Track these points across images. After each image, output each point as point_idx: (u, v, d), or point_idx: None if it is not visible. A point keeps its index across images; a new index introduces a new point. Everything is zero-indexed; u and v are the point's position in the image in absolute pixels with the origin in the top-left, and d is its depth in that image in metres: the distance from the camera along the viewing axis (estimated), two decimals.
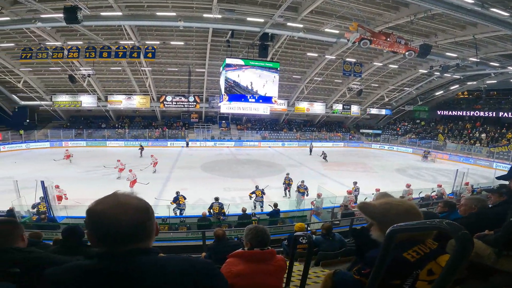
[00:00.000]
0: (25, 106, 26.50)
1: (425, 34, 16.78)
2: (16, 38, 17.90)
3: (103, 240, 0.86)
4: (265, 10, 14.63)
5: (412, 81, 28.14)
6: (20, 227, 1.56)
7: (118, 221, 0.84)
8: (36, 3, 11.95)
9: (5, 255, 1.38)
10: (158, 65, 23.37)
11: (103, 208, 0.86)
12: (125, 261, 0.84)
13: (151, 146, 27.10)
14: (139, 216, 0.87)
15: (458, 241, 0.75)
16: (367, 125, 36.13)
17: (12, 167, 17.27)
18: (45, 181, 10.02)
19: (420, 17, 13.77)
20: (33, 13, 13.38)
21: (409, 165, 22.62)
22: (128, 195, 0.91)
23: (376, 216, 1.18)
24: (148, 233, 0.90)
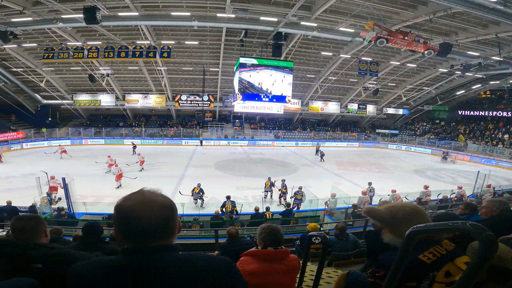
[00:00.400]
0: (47, 105, 27.58)
1: (445, 32, 16.22)
2: (39, 38, 18.58)
3: (129, 236, 0.88)
4: (278, 9, 14.57)
5: (432, 81, 27.24)
6: (44, 223, 1.58)
7: (144, 218, 0.85)
8: (57, 4, 12.37)
9: (29, 251, 1.40)
10: (173, 64, 23.73)
11: (130, 204, 0.87)
12: (150, 257, 0.85)
13: (166, 144, 27.64)
14: (164, 213, 0.89)
15: (482, 243, 0.72)
16: (383, 125, 35.34)
17: (35, 164, 18.00)
18: (65, 177, 10.39)
19: (439, 16, 13.34)
20: (54, 13, 13.86)
21: (427, 166, 21.96)
22: (153, 193, 0.92)
23: (384, 219, 1.17)
24: (172, 230, 0.92)
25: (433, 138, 30.72)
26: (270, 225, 2.02)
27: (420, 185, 13.13)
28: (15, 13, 13.62)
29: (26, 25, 14.56)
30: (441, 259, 1.02)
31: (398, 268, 0.96)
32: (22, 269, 1.33)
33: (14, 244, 1.45)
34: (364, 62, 20.54)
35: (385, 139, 33.39)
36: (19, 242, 1.45)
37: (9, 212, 8.45)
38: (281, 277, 1.80)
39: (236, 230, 4.26)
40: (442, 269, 0.99)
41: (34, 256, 1.38)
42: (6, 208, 8.61)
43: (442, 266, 1.00)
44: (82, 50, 17.38)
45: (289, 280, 1.86)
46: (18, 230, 1.52)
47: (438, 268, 1.00)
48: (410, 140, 31.83)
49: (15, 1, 12.60)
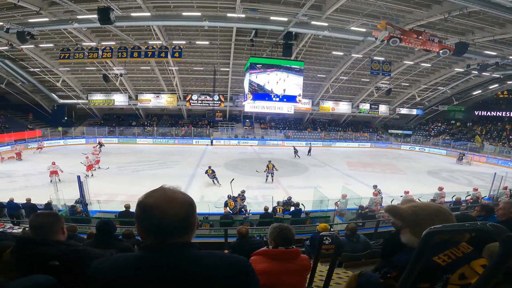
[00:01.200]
0: (63, 104, 28.39)
1: (461, 32, 15.82)
2: (55, 39, 19.08)
3: (151, 232, 0.89)
4: (288, 9, 14.52)
5: (447, 80, 26.50)
6: (61, 220, 1.61)
7: (166, 214, 0.87)
8: (72, 4, 12.69)
9: (46, 248, 1.43)
10: (185, 64, 23.96)
11: (153, 201, 0.89)
12: (171, 254, 0.87)
13: (178, 144, 27.96)
14: (185, 210, 0.90)
15: (502, 244, 0.70)
16: (396, 125, 34.68)
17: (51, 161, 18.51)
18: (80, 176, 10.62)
19: (455, 15, 13.04)
20: (69, 14, 14.23)
21: (442, 167, 21.41)
22: (174, 190, 0.93)
23: (405, 218, 1.13)
24: (192, 227, 0.93)
25: (448, 139, 29.95)
26: (281, 225, 2.02)
27: (434, 186, 12.83)
28: (31, 14, 14.04)
29: (42, 25, 14.98)
30: (456, 261, 0.99)
31: (413, 269, 0.94)
32: (39, 266, 1.36)
33: (32, 241, 1.48)
34: (376, 61, 20.21)
35: (398, 139, 32.77)
36: (37, 239, 1.47)
37: (28, 209, 8.66)
38: (291, 277, 1.81)
39: (247, 229, 4.27)
40: (457, 272, 0.97)
41: (51, 253, 1.40)
42: (25, 205, 8.85)
43: (458, 268, 0.98)
44: (96, 50, 17.79)
45: (300, 280, 1.85)
46: (36, 227, 1.53)
47: (453, 271, 0.97)
48: (424, 140, 31.13)
49: (31, 2, 12.98)
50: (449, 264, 0.99)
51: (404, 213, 1.14)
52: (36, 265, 1.37)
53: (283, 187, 14.27)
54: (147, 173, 16.26)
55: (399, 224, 1.19)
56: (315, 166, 19.66)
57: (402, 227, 1.18)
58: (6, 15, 14.19)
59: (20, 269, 1.39)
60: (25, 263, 1.40)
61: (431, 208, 1.12)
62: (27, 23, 14.53)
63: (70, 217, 8.59)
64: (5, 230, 5.46)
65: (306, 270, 1.90)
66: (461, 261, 0.99)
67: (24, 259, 1.41)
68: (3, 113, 26.19)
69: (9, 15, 14.20)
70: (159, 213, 0.87)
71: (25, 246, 1.45)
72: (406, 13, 14.34)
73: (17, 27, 13.99)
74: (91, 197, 10.33)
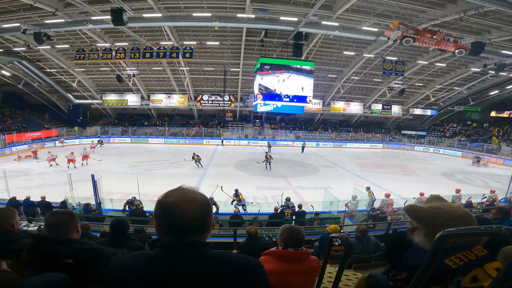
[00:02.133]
0: (79, 104, 29.14)
1: (477, 31, 15.39)
2: (70, 40, 19.59)
3: (168, 230, 0.92)
4: (298, 9, 14.44)
5: (463, 80, 25.74)
6: (76, 218, 1.64)
7: (184, 214, 0.89)
8: (86, 5, 13.02)
9: (61, 246, 1.46)
10: (195, 64, 24.18)
11: (172, 201, 0.91)
12: (188, 252, 0.90)
13: (188, 143, 28.25)
14: (201, 210, 0.92)
15: None
16: (410, 126, 33.96)
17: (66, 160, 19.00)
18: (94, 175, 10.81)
19: (470, 14, 12.70)
20: (84, 15, 14.59)
21: (457, 169, 20.85)
22: (192, 190, 0.96)
23: (425, 220, 1.10)
24: (208, 226, 0.95)
25: (464, 140, 29.12)
26: (291, 226, 2.03)
27: (449, 188, 12.53)
28: (47, 15, 14.45)
29: (58, 26, 15.38)
30: (468, 264, 0.97)
31: (425, 273, 0.92)
32: (54, 264, 1.38)
33: (47, 239, 1.51)
34: (389, 61, 19.87)
35: (411, 140, 32.08)
36: (52, 238, 1.50)
37: (43, 207, 8.84)
38: (300, 278, 1.80)
39: (256, 229, 4.26)
40: (469, 274, 0.95)
41: (65, 251, 1.43)
42: (40, 203, 9.04)
43: (470, 271, 0.96)
44: (110, 51, 18.20)
45: (308, 280, 1.84)
46: (52, 225, 1.56)
47: (464, 273, 0.95)
48: (439, 142, 30.38)
49: (47, 3, 13.37)
50: (460, 266, 0.97)
51: (424, 215, 1.10)
52: (51, 263, 1.40)
53: (292, 187, 14.20)
54: (159, 173, 16.50)
55: (414, 224, 1.16)
56: (326, 167, 19.48)
57: (417, 227, 1.14)
58: (23, 16, 14.65)
59: (34, 267, 1.42)
60: (39, 261, 1.43)
61: (456, 212, 1.07)
62: (44, 24, 14.96)
63: (84, 215, 8.75)
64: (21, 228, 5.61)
65: (315, 271, 1.89)
66: (474, 264, 0.97)
67: (39, 257, 1.44)
68: (20, 113, 27.11)
69: (26, 16, 14.64)
70: (177, 212, 0.89)
71: (40, 244, 1.48)
72: (420, 13, 14.04)
73: (34, 28, 14.42)
74: (104, 196, 10.49)
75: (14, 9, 14.27)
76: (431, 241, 1.01)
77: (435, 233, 0.98)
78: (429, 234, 1.05)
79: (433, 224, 1.05)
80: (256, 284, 0.93)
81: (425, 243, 1.07)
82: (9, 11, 14.44)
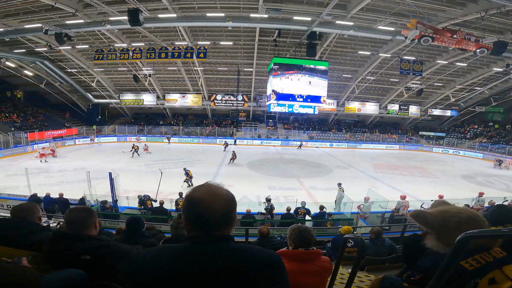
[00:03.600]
0: (97, 103, 30.09)
1: (499, 30, 14.86)
2: (90, 40, 20.25)
3: (194, 224, 0.95)
4: (312, 9, 14.33)
5: (485, 80, 24.70)
6: (95, 215, 1.67)
7: (210, 208, 0.93)
8: (104, 6, 13.43)
9: (79, 242, 1.48)
10: (209, 64, 24.42)
11: (199, 195, 0.95)
12: (215, 246, 0.93)
13: (202, 143, 28.58)
14: (228, 205, 0.96)
15: None
16: (428, 127, 32.98)
17: (86, 159, 19.64)
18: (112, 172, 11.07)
19: (492, 14, 12.28)
20: (102, 15, 15.07)
21: (478, 171, 20.08)
22: (218, 186, 1.00)
23: (434, 224, 1.09)
24: (232, 221, 0.99)
25: (485, 141, 28.00)
26: (300, 226, 2.02)
27: (469, 191, 12.09)
28: (68, 15, 14.98)
29: (78, 27, 15.95)
30: (486, 266, 0.96)
31: (443, 275, 0.89)
32: (71, 260, 1.41)
33: (66, 235, 1.54)
34: (406, 61, 19.38)
35: (429, 142, 31.13)
36: (71, 234, 1.53)
37: (61, 204, 9.08)
38: (311, 278, 1.78)
39: (268, 229, 4.25)
40: (486, 276, 0.93)
41: (83, 247, 1.45)
42: (59, 200, 9.30)
43: (487, 273, 0.94)
44: (127, 51, 18.68)
45: (319, 281, 1.82)
46: (71, 222, 1.59)
47: (481, 275, 0.94)
48: (458, 143, 29.34)
49: (68, 3, 13.88)
50: (477, 268, 0.95)
51: (431, 219, 1.10)
52: (69, 259, 1.42)
53: (305, 188, 14.09)
54: (173, 171, 16.71)
55: (424, 229, 1.16)
56: (339, 168, 19.20)
57: (427, 232, 1.14)
58: (45, 16, 15.25)
59: (52, 262, 1.45)
60: (58, 257, 1.46)
61: (462, 215, 1.06)
62: (64, 25, 15.53)
63: (101, 212, 8.97)
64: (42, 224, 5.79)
65: (326, 271, 1.87)
66: (491, 266, 0.96)
67: (57, 252, 1.47)
68: (42, 112, 28.25)
69: (47, 16, 15.24)
70: (204, 207, 0.93)
71: (59, 240, 1.51)
72: (439, 12, 13.64)
73: (55, 29, 14.99)
74: (121, 194, 10.73)
75: (36, 10, 14.88)
76: (444, 243, 1.04)
77: (446, 235, 1.01)
78: (441, 237, 1.06)
79: (443, 227, 1.06)
80: (277, 279, 0.95)
81: (439, 247, 1.07)
82: (31, 11, 15.09)
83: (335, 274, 2.01)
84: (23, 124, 24.42)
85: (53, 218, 7.35)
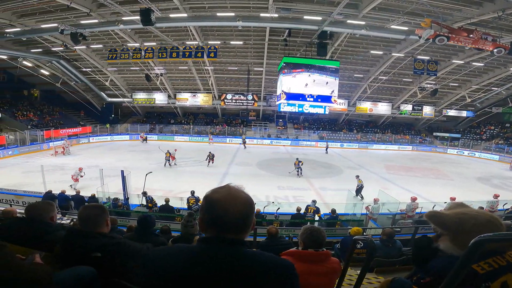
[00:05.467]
0: (111, 102, 30.71)
1: None
2: (104, 40, 20.67)
3: (210, 224, 0.95)
4: (322, 8, 14.19)
5: (502, 81, 23.88)
6: (107, 212, 1.70)
7: (228, 211, 0.92)
8: (118, 6, 13.67)
9: (90, 240, 1.51)
10: (220, 64, 24.56)
11: (218, 197, 0.95)
12: (226, 249, 0.92)
13: (212, 142, 28.73)
14: (245, 209, 0.94)
15: None
16: (443, 128, 32.17)
17: (100, 157, 20.04)
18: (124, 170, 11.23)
19: (509, 13, 11.98)
20: (115, 15, 15.37)
21: (493, 173, 19.47)
22: (238, 189, 0.98)
23: (449, 225, 1.07)
24: (248, 226, 0.97)
25: (502, 143, 27.09)
26: (312, 226, 2.01)
27: (484, 193, 11.75)
28: (82, 15, 15.35)
29: (92, 26, 16.31)
30: (498, 270, 0.93)
31: (455, 278, 0.87)
32: (82, 257, 1.44)
33: (77, 233, 1.57)
34: (420, 60, 18.97)
35: (444, 143, 30.37)
36: (82, 231, 1.56)
37: (76, 201, 9.26)
38: (320, 279, 1.77)
39: (276, 229, 4.24)
40: (498, 280, 0.91)
41: (95, 245, 1.48)
42: (74, 197, 9.51)
43: (500, 276, 0.92)
44: (140, 51, 18.99)
45: (327, 282, 1.80)
46: (83, 219, 1.62)
47: (493, 279, 0.91)
48: (474, 145, 28.51)
49: (82, 3, 14.22)
50: (488, 272, 0.93)
51: (448, 221, 1.08)
52: (80, 256, 1.45)
53: (315, 188, 13.97)
54: (184, 170, 16.93)
55: (439, 231, 1.13)
56: (350, 168, 18.95)
57: (441, 234, 1.12)
58: (60, 16, 15.67)
59: (65, 259, 1.48)
60: (70, 254, 1.49)
61: (482, 217, 1.03)
62: (79, 25, 15.93)
63: (112, 210, 9.05)
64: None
65: (335, 273, 1.85)
66: (504, 270, 0.93)
67: (70, 249, 1.50)
68: (58, 110, 29.03)
69: (62, 16, 15.66)
70: (221, 209, 0.92)
71: (71, 238, 1.55)
72: (454, 11, 13.31)
73: (70, 28, 15.39)
74: (132, 191, 10.87)
75: (52, 10, 15.31)
76: (459, 246, 1.02)
77: (462, 238, 0.99)
78: (456, 240, 1.04)
79: (459, 229, 1.04)
80: (289, 286, 0.95)
81: (453, 249, 1.05)
82: (47, 11, 15.54)
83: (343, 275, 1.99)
84: (40, 122, 25.15)
85: (66, 215, 7.55)
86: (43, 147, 21.85)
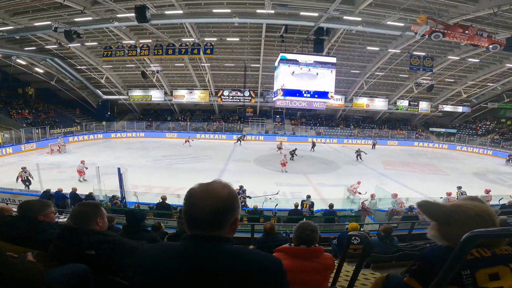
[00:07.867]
0: (107, 100, 30.40)
1: None
2: (98, 37, 20.40)
3: (188, 221, 0.93)
4: (319, 4, 14.13)
5: (497, 76, 24.03)
6: (101, 210, 1.66)
7: (196, 206, 0.90)
8: (112, 3, 13.50)
9: (84, 237, 1.49)
10: (216, 61, 24.42)
11: (192, 192, 0.93)
12: (206, 246, 0.90)
13: (209, 138, 28.69)
14: (217, 205, 0.90)
15: None
16: (439, 123, 32.34)
17: (96, 154, 19.89)
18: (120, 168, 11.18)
19: (505, 9, 11.97)
20: (110, 13, 15.15)
21: (489, 168, 19.68)
22: (218, 185, 0.94)
23: (437, 216, 1.06)
24: (222, 223, 0.92)
25: (497, 138, 27.32)
26: (304, 223, 1.99)
27: (480, 189, 11.86)
28: (76, 13, 15.12)
29: (87, 24, 16.07)
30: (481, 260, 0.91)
31: (447, 274, 0.87)
32: (76, 255, 1.42)
33: (71, 230, 1.54)
34: (416, 56, 19.00)
35: (440, 138, 30.56)
36: (77, 229, 1.53)
37: (73, 199, 9.14)
38: (312, 275, 1.76)
39: (271, 225, 4.24)
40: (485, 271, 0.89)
41: (88, 242, 1.46)
42: (70, 195, 9.36)
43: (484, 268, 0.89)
44: (135, 48, 18.82)
45: (321, 279, 1.80)
46: (74, 216, 1.61)
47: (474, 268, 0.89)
48: (470, 140, 28.75)
49: (76, 1, 14.01)
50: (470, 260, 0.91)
51: (436, 211, 1.06)
52: (73, 253, 1.44)
53: (313, 184, 14.03)
54: (181, 167, 16.90)
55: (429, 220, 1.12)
56: (348, 164, 19.04)
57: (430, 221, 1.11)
58: (54, 14, 15.37)
59: (58, 257, 1.46)
60: (63, 251, 1.47)
61: (473, 210, 1.02)
62: (73, 22, 15.69)
63: (110, 208, 8.99)
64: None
65: (328, 269, 1.84)
66: (492, 261, 0.91)
67: (63, 247, 1.48)
68: (53, 108, 28.73)
69: (56, 14, 15.36)
70: (190, 204, 0.91)
71: (64, 235, 1.53)
72: (450, 7, 13.29)
73: (64, 26, 15.16)
74: (129, 189, 10.82)
75: (45, 8, 15.04)
76: (443, 236, 1.02)
77: (446, 229, 1.00)
78: (440, 230, 1.04)
79: (445, 221, 1.03)
80: (277, 283, 0.92)
81: (436, 238, 1.05)
82: (40, 9, 15.26)
83: (339, 271, 2.00)
84: (35, 121, 24.90)
85: (63, 214, 7.51)
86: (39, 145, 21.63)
